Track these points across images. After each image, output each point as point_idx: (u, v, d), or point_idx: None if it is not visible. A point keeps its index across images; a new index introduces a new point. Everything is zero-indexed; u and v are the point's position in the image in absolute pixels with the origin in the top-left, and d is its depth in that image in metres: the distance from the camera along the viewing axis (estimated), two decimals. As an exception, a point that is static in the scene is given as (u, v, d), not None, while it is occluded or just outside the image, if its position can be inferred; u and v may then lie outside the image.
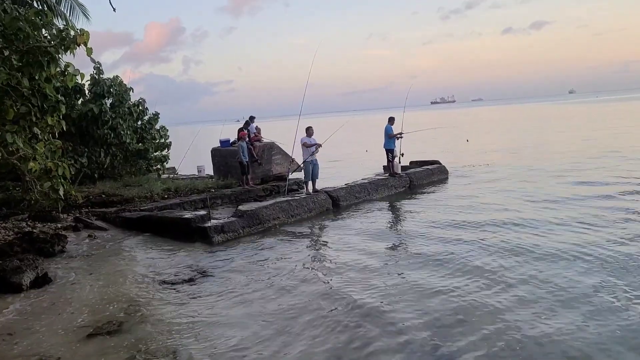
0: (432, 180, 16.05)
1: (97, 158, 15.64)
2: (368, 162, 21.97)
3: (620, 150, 20.00)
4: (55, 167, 7.53)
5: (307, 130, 12.88)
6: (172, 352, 5.18)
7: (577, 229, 8.86)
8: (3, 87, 6.71)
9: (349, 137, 40.96)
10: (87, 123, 15.21)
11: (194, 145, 19.33)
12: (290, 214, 11.38)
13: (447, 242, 8.66)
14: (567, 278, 6.52)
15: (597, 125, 36.51)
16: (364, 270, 7.44)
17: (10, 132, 6.90)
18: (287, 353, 5.00)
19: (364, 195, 13.50)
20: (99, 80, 15.81)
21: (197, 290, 7.04)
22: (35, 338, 5.64)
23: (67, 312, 6.40)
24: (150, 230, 10.64)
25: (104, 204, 12.89)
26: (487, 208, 11.35)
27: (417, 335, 5.18)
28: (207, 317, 6.02)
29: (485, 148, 25.56)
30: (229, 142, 16.72)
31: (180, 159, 18.40)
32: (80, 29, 7.03)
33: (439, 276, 6.96)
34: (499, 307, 5.75)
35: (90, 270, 8.20)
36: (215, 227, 9.81)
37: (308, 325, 5.59)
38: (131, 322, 6.00)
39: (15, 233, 9.78)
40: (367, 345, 5.05)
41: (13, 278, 7.22)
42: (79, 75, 7.51)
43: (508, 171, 16.95)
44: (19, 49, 6.76)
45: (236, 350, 5.13)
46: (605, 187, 12.58)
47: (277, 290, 6.83)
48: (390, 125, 14.92)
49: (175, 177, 17.78)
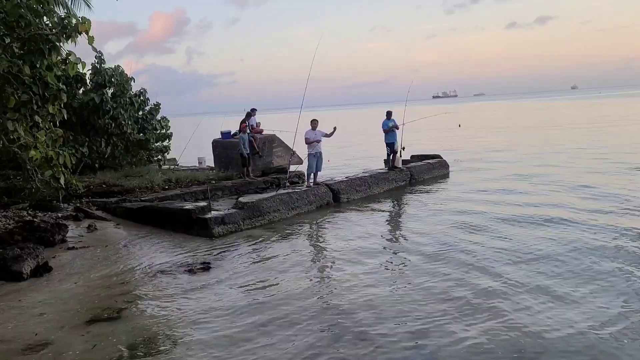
0: (433, 174, 16.03)
1: (98, 148, 15.64)
2: (369, 155, 21.94)
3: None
4: (56, 156, 7.54)
5: (311, 123, 12.77)
6: (170, 339, 5.22)
7: (582, 228, 8.88)
8: (4, 74, 6.70)
9: (349, 130, 40.94)
10: (88, 112, 15.19)
11: (195, 137, 19.30)
12: (290, 207, 11.38)
13: (447, 238, 8.68)
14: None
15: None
16: (361, 265, 7.46)
17: (11, 120, 6.91)
18: (287, 344, 5.01)
19: (364, 189, 13.49)
20: (100, 70, 15.77)
21: (196, 281, 7.06)
22: (33, 323, 5.67)
23: (66, 300, 6.42)
24: (150, 220, 10.65)
25: (105, 194, 12.88)
26: (486, 202, 11.36)
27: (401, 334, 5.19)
28: (206, 307, 6.04)
29: (475, 134, 25.61)
30: (230, 134, 16.68)
31: (181, 150, 18.38)
32: (82, 17, 7.01)
33: (437, 271, 6.98)
34: (502, 305, 5.76)
35: (90, 260, 8.22)
36: (215, 218, 9.81)
37: (308, 318, 5.59)
38: (130, 310, 6.04)
39: (16, 222, 9.78)
40: (361, 338, 5.08)
41: (14, 266, 7.24)
42: (80, 64, 7.50)
43: (505, 164, 16.95)
44: (21, 36, 6.75)
45: (235, 340, 5.15)
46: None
47: (277, 282, 6.85)
48: (387, 119, 14.90)
49: (176, 168, 17.76)
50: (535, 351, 4.65)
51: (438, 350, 4.74)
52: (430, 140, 18.44)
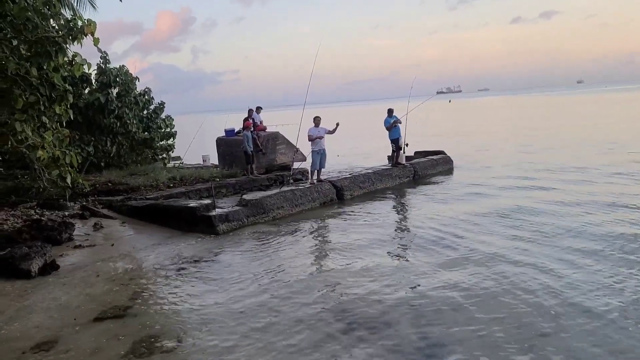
0: (437, 170, 16.09)
1: (103, 147, 15.78)
2: (372, 152, 21.98)
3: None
4: (63, 156, 7.66)
5: (314, 120, 12.81)
6: (176, 337, 5.30)
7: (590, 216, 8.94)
8: (12, 76, 6.81)
9: (352, 127, 40.93)
10: (93, 112, 15.33)
11: (199, 135, 19.41)
12: (294, 204, 11.47)
13: (450, 231, 8.75)
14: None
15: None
16: (364, 263, 7.52)
17: (19, 120, 7.02)
18: (293, 342, 5.08)
19: (368, 185, 13.55)
20: (105, 70, 15.90)
21: (201, 278, 7.16)
22: (40, 321, 5.78)
23: (73, 298, 6.54)
24: (156, 218, 10.76)
25: (111, 192, 13.00)
26: (491, 198, 11.41)
27: (407, 333, 5.28)
28: (211, 305, 6.13)
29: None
30: (234, 132, 16.78)
31: (186, 148, 18.49)
32: (88, 19, 7.11)
33: (440, 269, 7.06)
34: (508, 299, 5.85)
35: (97, 258, 8.34)
36: (220, 215, 9.92)
37: (312, 317, 5.65)
38: (136, 307, 6.13)
39: (23, 220, 9.92)
40: (362, 335, 5.16)
41: (22, 265, 7.36)
42: (86, 64, 7.60)
43: (507, 159, 16.97)
44: (28, 39, 6.85)
45: (243, 336, 5.24)
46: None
47: (282, 280, 6.93)
48: (389, 117, 14.96)
49: (180, 166, 17.89)
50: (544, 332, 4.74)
51: (445, 340, 4.85)
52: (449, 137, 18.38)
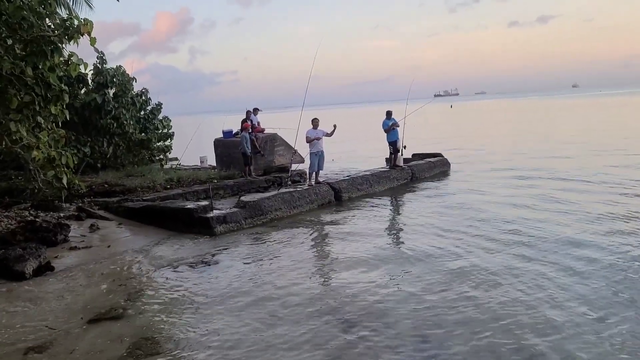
0: (434, 172, 16.09)
1: (99, 148, 15.67)
2: (370, 154, 21.96)
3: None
4: (58, 156, 7.57)
5: (312, 122, 12.78)
6: (173, 339, 5.24)
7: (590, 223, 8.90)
8: (7, 76, 6.74)
9: (350, 129, 40.95)
10: (90, 113, 15.23)
11: (197, 136, 19.32)
12: (292, 205, 11.41)
13: (447, 234, 8.71)
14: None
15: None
16: (362, 265, 7.47)
17: (14, 120, 6.94)
18: (293, 343, 5.03)
19: (365, 187, 13.51)
20: (102, 70, 15.81)
21: (199, 278, 7.10)
22: (36, 323, 5.70)
23: (69, 300, 6.46)
24: (152, 220, 10.68)
25: (107, 193, 12.92)
26: (487, 202, 11.37)
27: (407, 335, 5.23)
28: (209, 307, 6.07)
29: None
30: (231, 133, 16.72)
31: (183, 149, 18.41)
32: (85, 19, 7.04)
33: (438, 267, 7.01)
34: (508, 298, 5.80)
35: (93, 259, 8.26)
36: (217, 217, 9.85)
37: (309, 317, 5.62)
38: (134, 308, 6.07)
39: (18, 222, 9.82)
40: (362, 339, 5.11)
41: (16, 266, 7.27)
42: (82, 64, 7.52)
43: (504, 160, 16.96)
44: (23, 38, 6.77)
45: (241, 338, 5.18)
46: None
47: (280, 281, 6.87)
48: (387, 119, 14.95)
49: (177, 167, 17.81)
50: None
51: (443, 343, 4.79)
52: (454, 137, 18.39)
